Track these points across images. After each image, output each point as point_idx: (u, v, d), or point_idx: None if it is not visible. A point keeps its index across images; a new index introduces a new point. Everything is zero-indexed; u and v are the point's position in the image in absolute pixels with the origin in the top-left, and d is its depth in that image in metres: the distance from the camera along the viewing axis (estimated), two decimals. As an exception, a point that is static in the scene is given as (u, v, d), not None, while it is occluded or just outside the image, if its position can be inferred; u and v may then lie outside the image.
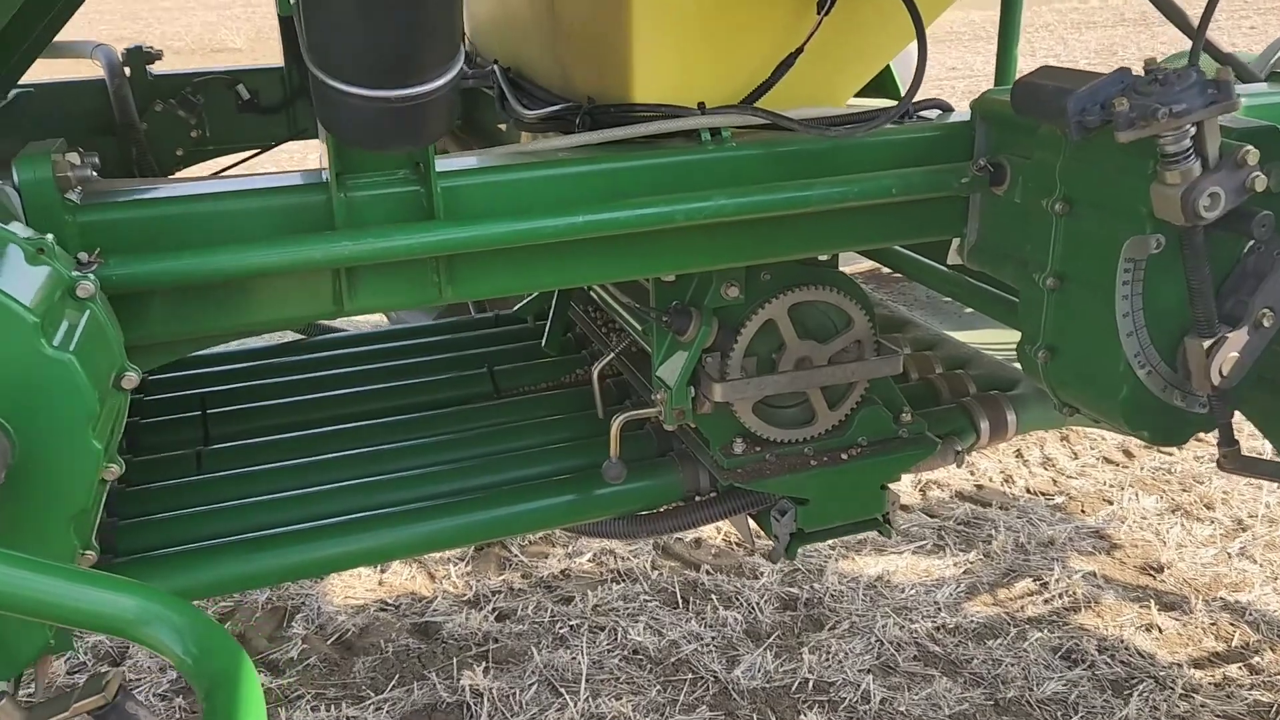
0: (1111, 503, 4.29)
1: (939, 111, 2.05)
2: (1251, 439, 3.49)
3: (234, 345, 2.72)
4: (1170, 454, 4.64)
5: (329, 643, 3.53)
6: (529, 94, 2.17)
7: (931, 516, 4.26)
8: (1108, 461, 4.62)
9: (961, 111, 2.01)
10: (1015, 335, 2.85)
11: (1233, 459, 1.80)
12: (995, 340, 2.83)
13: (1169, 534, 4.09)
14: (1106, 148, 1.62)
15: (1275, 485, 4.31)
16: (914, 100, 1.99)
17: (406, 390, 2.58)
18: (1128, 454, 4.66)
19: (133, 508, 2.12)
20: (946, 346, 2.77)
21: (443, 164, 1.65)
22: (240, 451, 2.31)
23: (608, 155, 1.75)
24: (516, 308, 2.87)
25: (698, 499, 2.28)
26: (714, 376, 2.07)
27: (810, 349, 2.13)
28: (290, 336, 2.88)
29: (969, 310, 3.00)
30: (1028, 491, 4.41)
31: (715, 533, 4.11)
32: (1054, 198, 1.73)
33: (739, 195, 1.72)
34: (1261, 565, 3.92)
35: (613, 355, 2.39)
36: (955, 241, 2.16)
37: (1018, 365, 2.73)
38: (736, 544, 4.07)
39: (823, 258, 2.12)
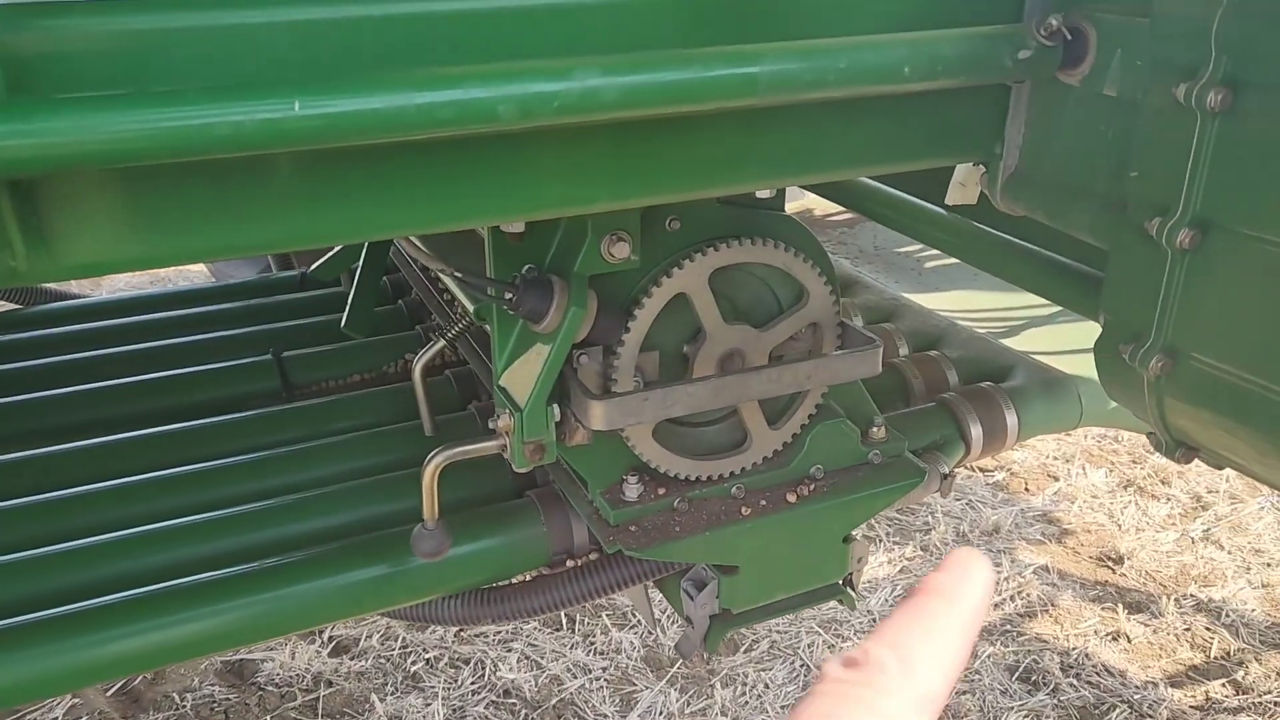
0: (1057, 479, 3.58)
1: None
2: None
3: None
4: (1114, 419, 3.95)
5: (109, 693, 2.61)
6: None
7: (856, 499, 3.50)
8: (1047, 429, 3.91)
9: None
10: (1007, 298, 2.06)
11: None
12: (973, 307, 2.01)
13: (1123, 515, 3.40)
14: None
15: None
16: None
17: (139, 390, 1.66)
18: (1067, 419, 3.95)
19: None
20: (910, 317, 1.94)
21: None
22: None
23: (372, -9, 0.85)
24: (315, 266, 1.93)
25: (570, 564, 1.43)
26: (591, 389, 1.21)
27: (743, 338, 1.28)
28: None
29: (931, 265, 2.18)
30: (963, 466, 3.67)
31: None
32: (1202, 81, 0.90)
33: (624, 69, 0.84)
34: (1230, 552, 3.25)
35: (443, 344, 1.51)
36: (959, 170, 1.33)
37: (1007, 343, 1.94)
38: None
39: (763, 194, 1.27)
